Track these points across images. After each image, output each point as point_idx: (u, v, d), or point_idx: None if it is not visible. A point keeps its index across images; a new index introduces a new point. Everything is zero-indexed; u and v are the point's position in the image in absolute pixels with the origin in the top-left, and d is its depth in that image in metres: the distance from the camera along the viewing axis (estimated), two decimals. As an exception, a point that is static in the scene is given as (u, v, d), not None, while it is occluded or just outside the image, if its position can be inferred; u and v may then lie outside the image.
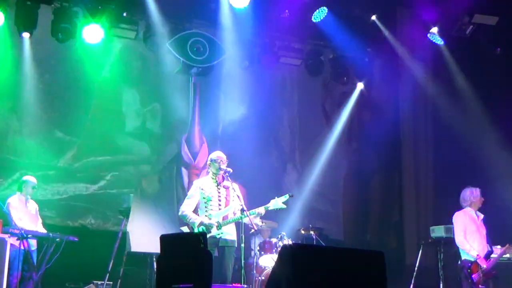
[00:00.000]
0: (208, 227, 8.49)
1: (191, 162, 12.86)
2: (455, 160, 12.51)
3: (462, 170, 12.29)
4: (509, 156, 12.25)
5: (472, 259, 9.53)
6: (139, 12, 12.10)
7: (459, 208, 10.02)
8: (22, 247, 9.73)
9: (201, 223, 8.52)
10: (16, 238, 9.64)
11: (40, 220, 10.80)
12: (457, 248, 9.84)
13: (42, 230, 10.47)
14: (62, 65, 12.72)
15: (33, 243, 10.28)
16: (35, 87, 12.37)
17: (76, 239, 10.33)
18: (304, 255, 5.18)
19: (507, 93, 12.60)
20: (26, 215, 10.56)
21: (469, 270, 9.51)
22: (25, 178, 10.72)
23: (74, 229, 11.63)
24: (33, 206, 10.79)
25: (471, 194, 9.90)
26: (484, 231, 9.80)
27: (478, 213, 9.92)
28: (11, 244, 9.63)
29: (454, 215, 9.92)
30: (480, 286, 9.39)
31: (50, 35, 11.79)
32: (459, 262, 9.76)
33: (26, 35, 11.78)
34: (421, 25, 12.87)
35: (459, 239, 9.72)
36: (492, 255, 9.50)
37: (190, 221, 8.61)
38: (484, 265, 9.40)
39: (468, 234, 9.72)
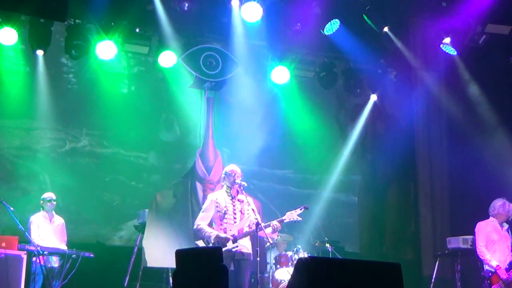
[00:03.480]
0: (224, 241, 8.48)
1: (206, 177, 12.84)
2: (471, 171, 12.44)
3: (478, 180, 12.22)
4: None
5: (492, 270, 9.48)
6: (152, 28, 12.16)
7: (476, 218, 9.97)
8: (39, 264, 9.80)
9: (217, 237, 8.50)
10: (33, 255, 9.72)
11: (65, 238, 10.86)
12: (479, 258, 9.81)
13: (63, 247, 10.53)
14: (76, 81, 12.80)
15: (54, 259, 10.33)
16: (49, 103, 12.44)
17: (92, 255, 10.35)
18: (320, 268, 5.15)
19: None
20: (50, 232, 10.72)
21: (488, 281, 9.48)
22: (43, 195, 10.84)
23: (89, 245, 11.65)
24: (58, 222, 10.90)
25: (500, 206, 9.85)
26: (508, 242, 9.75)
27: (504, 223, 9.86)
28: (33, 261, 9.75)
29: (477, 225, 9.87)
30: (502, 296, 9.35)
31: (64, 52, 11.86)
32: (482, 273, 9.74)
33: (40, 52, 11.87)
34: (434, 35, 12.84)
35: (479, 250, 9.70)
36: None
37: (206, 235, 8.59)
38: (504, 276, 9.35)
39: (489, 245, 9.70)
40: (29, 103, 12.47)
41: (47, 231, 10.71)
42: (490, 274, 9.50)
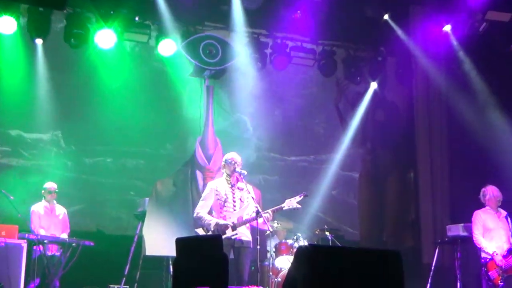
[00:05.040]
0: (223, 228, 8.49)
1: (206, 165, 12.87)
2: (471, 158, 12.45)
3: (478, 167, 12.23)
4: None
5: (489, 257, 9.51)
6: (151, 16, 12.13)
7: (476, 206, 10.00)
8: (39, 252, 9.82)
9: (217, 224, 8.51)
10: (33, 243, 9.73)
11: (68, 229, 10.84)
12: (476, 246, 9.84)
13: (64, 237, 10.52)
14: (75, 70, 12.78)
15: (53, 248, 10.33)
16: (49, 92, 12.41)
17: (92, 244, 10.35)
18: (320, 256, 5.16)
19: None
20: (51, 221, 10.68)
21: (485, 268, 9.52)
22: (44, 185, 10.82)
23: (90, 233, 11.66)
24: (60, 212, 10.88)
25: (484, 192, 9.91)
26: (507, 228, 9.77)
27: (501, 210, 9.89)
28: (33, 249, 9.77)
29: (473, 214, 9.91)
30: (499, 283, 9.36)
31: (63, 40, 11.84)
32: (480, 260, 9.77)
33: (39, 41, 11.84)
34: (434, 23, 12.82)
35: (475, 238, 9.76)
36: None
37: (205, 222, 8.61)
38: (500, 263, 9.37)
39: (486, 232, 9.72)
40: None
41: (48, 222, 10.69)
42: (487, 260, 9.54)
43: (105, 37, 11.78)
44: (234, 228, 8.57)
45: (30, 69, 12.31)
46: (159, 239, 11.72)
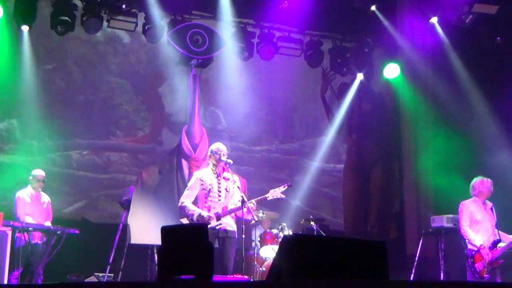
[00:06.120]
0: (206, 219, 8.49)
1: (191, 154, 12.86)
2: (456, 150, 12.49)
3: (463, 159, 12.27)
4: (510, 144, 12.25)
5: (475, 249, 9.53)
6: (138, 4, 12.08)
7: (460, 197, 10.01)
8: (24, 240, 9.79)
9: (199, 216, 8.51)
10: (17, 231, 9.70)
11: (51, 217, 10.79)
12: (463, 237, 9.84)
13: (48, 224, 10.48)
14: (61, 57, 12.71)
15: (37, 236, 10.29)
16: (34, 79, 12.34)
17: (77, 232, 10.32)
18: (305, 246, 5.18)
19: (507, 81, 12.58)
20: (36, 209, 10.62)
21: (472, 260, 9.52)
22: (33, 172, 10.74)
23: (75, 221, 11.63)
24: (45, 200, 10.83)
25: (480, 184, 9.87)
26: (493, 220, 9.78)
27: (487, 201, 9.89)
28: (17, 237, 9.73)
29: (460, 204, 9.90)
30: (484, 275, 9.39)
31: (50, 27, 11.77)
32: (465, 252, 9.78)
33: (25, 27, 11.75)
34: (421, 14, 12.84)
35: (463, 230, 9.72)
36: (500, 244, 9.47)
37: (189, 212, 8.60)
38: (487, 255, 9.39)
39: (473, 224, 9.71)
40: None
41: (33, 209, 10.63)
42: (473, 252, 9.55)
43: (92, 25, 11.72)
44: (218, 218, 8.58)
45: (15, 56, 12.23)
46: (144, 228, 11.70)
